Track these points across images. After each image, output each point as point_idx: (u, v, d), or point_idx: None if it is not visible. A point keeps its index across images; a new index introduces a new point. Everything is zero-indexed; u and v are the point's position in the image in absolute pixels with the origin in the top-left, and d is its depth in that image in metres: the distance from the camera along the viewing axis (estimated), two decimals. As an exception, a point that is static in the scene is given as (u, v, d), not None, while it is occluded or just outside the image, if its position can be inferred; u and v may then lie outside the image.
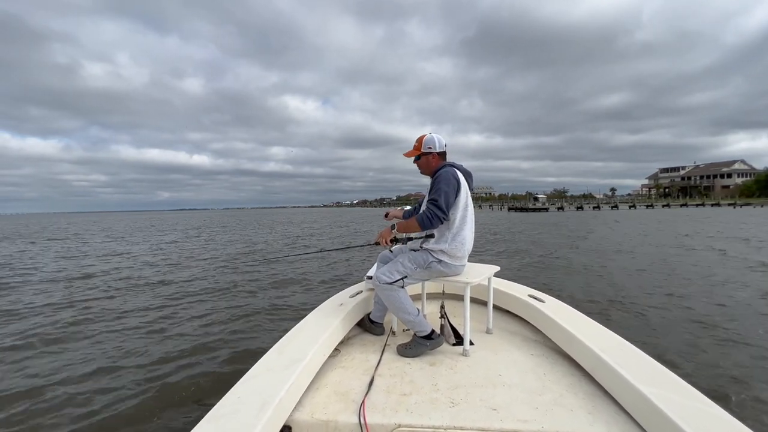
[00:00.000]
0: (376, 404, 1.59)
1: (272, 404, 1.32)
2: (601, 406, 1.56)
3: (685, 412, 1.28)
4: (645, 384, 1.44)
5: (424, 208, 2.07)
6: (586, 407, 1.56)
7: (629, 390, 1.47)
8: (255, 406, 1.32)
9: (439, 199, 1.97)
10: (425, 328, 2.06)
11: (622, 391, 1.52)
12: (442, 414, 1.51)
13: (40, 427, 2.45)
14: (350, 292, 2.64)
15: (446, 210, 1.98)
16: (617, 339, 1.88)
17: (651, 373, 1.53)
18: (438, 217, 1.97)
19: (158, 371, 3.14)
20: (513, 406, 1.56)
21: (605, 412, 1.52)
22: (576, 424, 1.45)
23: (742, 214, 30.72)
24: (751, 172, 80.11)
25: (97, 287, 6.70)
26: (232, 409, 1.31)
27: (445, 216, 1.98)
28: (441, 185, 2.00)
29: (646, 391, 1.40)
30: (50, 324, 4.52)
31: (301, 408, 1.55)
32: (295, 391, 1.51)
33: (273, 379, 1.49)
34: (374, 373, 1.84)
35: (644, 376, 1.50)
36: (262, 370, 1.57)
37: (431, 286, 2.86)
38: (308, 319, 2.14)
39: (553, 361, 1.98)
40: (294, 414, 1.50)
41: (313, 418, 1.51)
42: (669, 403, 1.32)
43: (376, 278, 2.10)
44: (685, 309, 4.69)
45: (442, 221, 2.00)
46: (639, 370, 1.55)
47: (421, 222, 2.01)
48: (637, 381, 1.46)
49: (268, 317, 4.58)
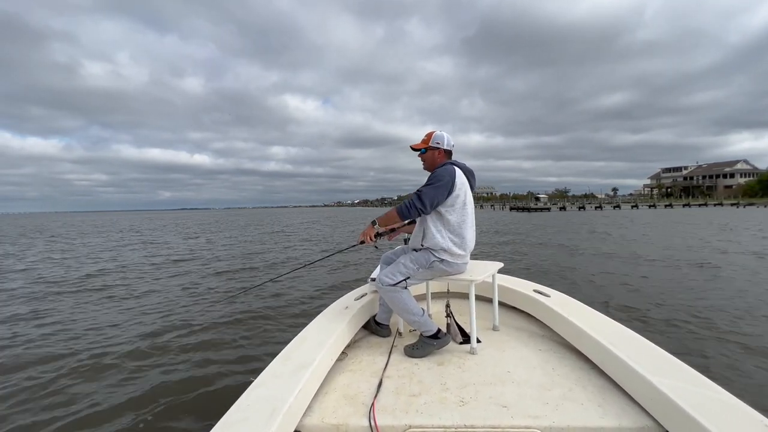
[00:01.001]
0: (385, 406, 1.57)
1: (282, 410, 1.31)
2: (612, 399, 1.55)
3: (698, 401, 1.27)
4: (655, 375, 1.44)
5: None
6: (596, 400, 1.55)
7: (639, 381, 1.46)
8: (265, 412, 1.30)
9: (425, 191, 1.98)
10: (431, 327, 2.04)
11: (633, 383, 1.51)
12: (452, 413, 1.50)
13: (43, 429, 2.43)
14: (355, 294, 2.62)
15: (427, 203, 1.98)
16: (626, 331, 1.88)
17: (661, 364, 1.53)
18: (416, 208, 1.97)
19: (163, 382, 3.04)
20: (523, 402, 1.56)
21: (616, 404, 1.51)
22: (587, 417, 1.44)
23: (756, 214, 29.96)
24: (753, 172, 79.88)
25: (95, 289, 6.69)
26: (242, 417, 1.29)
27: (424, 208, 1.98)
28: (433, 180, 2.01)
29: (656, 381, 1.39)
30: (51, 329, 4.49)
31: (311, 413, 1.54)
32: (304, 396, 1.50)
33: (282, 385, 1.48)
34: (382, 375, 1.83)
35: (654, 366, 1.50)
36: (270, 377, 1.56)
37: (436, 285, 2.85)
38: (314, 324, 2.13)
39: (561, 356, 1.97)
40: (304, 419, 1.49)
41: (323, 422, 1.49)
42: (680, 393, 1.31)
43: (379, 281, 2.08)
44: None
45: (420, 213, 2.00)
46: (649, 361, 1.55)
47: (399, 211, 2.03)
48: (647, 372, 1.46)
49: (273, 323, 4.51)
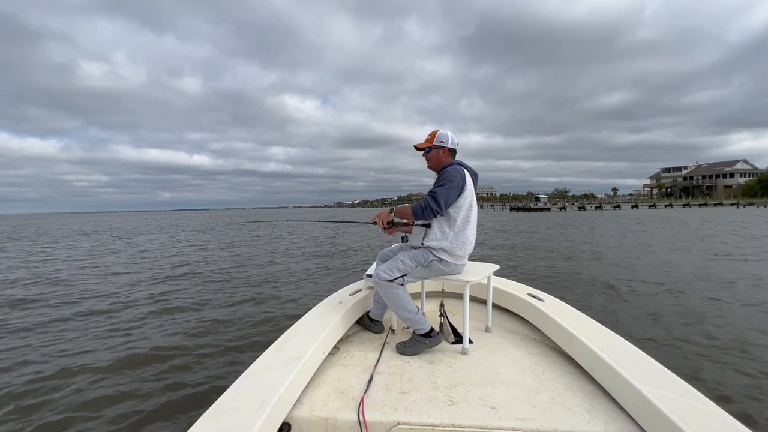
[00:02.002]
0: (375, 402, 1.58)
1: (272, 401, 1.32)
2: (600, 405, 1.56)
3: (684, 410, 1.28)
4: (644, 383, 1.44)
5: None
6: (584, 406, 1.56)
7: (628, 389, 1.47)
8: (255, 403, 1.32)
9: (439, 192, 1.97)
10: (424, 326, 2.05)
11: (621, 390, 1.52)
12: (441, 412, 1.51)
13: (39, 421, 2.45)
14: (350, 290, 2.64)
15: (442, 205, 1.97)
16: (617, 338, 1.88)
17: (650, 372, 1.53)
18: (432, 209, 1.96)
19: (155, 369, 3.15)
20: (511, 404, 1.56)
21: (603, 410, 1.52)
22: (574, 422, 1.45)
23: (758, 214, 29.72)
24: (753, 171, 79.84)
25: (92, 282, 6.72)
26: (231, 406, 1.31)
27: (439, 210, 1.97)
28: (445, 181, 2.00)
29: (644, 390, 1.40)
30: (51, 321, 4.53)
31: (301, 405, 1.56)
32: (294, 388, 1.51)
33: (272, 377, 1.49)
34: (373, 371, 1.84)
35: (643, 375, 1.50)
36: (262, 368, 1.57)
37: (431, 285, 2.86)
38: (308, 317, 2.14)
39: (552, 360, 1.98)
40: (293, 411, 1.50)
41: (312, 415, 1.51)
42: (667, 402, 1.32)
43: (377, 275, 2.09)
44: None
45: (435, 214, 1.99)
46: (638, 369, 1.55)
47: (414, 210, 2.01)
48: (635, 380, 1.46)
49: (267, 315, 4.59)
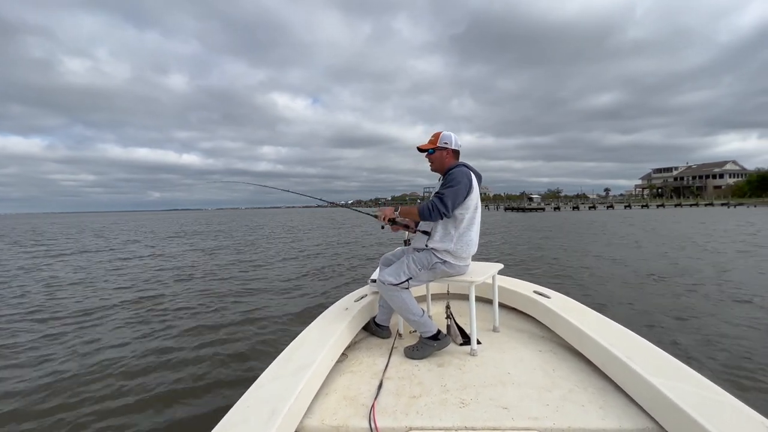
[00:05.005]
0: (386, 407, 1.57)
1: (282, 411, 1.31)
2: (613, 401, 1.56)
3: (698, 402, 1.27)
4: (656, 376, 1.44)
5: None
6: (597, 402, 1.55)
7: (641, 383, 1.47)
8: (265, 413, 1.30)
9: (447, 194, 1.95)
10: (431, 328, 2.04)
11: (634, 385, 1.52)
12: (453, 415, 1.50)
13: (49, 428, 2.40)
14: (355, 296, 2.61)
15: (450, 206, 1.95)
16: (626, 332, 1.88)
17: (662, 366, 1.53)
18: (439, 211, 1.94)
19: (161, 383, 3.00)
20: (523, 403, 1.56)
21: (616, 405, 1.52)
22: (587, 419, 1.44)
23: (756, 214, 30.07)
24: (742, 172, 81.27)
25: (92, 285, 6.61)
26: (242, 418, 1.29)
27: (446, 212, 1.95)
28: (453, 183, 1.98)
29: (657, 383, 1.40)
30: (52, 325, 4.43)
31: (311, 414, 1.54)
32: (304, 397, 1.50)
33: (282, 387, 1.47)
34: (383, 377, 1.83)
35: (655, 368, 1.50)
36: (270, 378, 1.55)
37: (436, 287, 2.85)
38: (314, 325, 2.12)
39: (562, 357, 1.97)
40: (304, 421, 1.49)
41: (323, 424, 1.49)
42: (681, 394, 1.32)
43: (382, 279, 2.08)
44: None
45: (442, 216, 1.97)
46: (650, 362, 1.55)
47: (421, 211, 1.99)
48: (648, 374, 1.46)
49: (272, 324, 4.47)
